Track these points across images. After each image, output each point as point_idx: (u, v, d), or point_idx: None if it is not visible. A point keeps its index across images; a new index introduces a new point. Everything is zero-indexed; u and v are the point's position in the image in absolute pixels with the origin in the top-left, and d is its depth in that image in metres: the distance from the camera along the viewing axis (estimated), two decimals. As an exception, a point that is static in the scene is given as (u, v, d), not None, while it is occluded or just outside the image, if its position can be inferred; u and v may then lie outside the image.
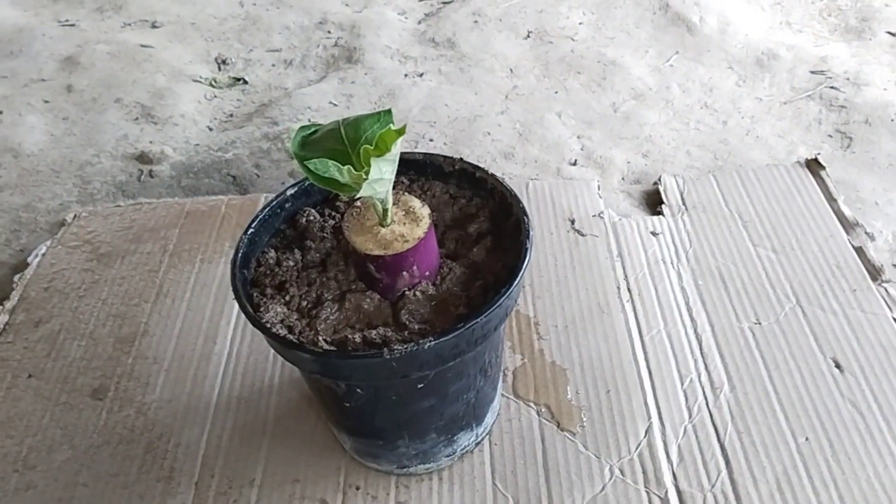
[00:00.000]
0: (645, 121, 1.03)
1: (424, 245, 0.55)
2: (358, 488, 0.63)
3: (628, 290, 0.78)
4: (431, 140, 1.00)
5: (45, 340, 0.76)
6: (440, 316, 0.55)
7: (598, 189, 0.90)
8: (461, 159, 0.64)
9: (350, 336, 0.53)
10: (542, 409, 0.68)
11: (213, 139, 1.04)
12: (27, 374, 0.73)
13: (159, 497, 0.63)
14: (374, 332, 0.53)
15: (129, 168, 1.00)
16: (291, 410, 0.69)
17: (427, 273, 0.56)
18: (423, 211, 0.56)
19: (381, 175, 0.49)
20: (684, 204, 0.87)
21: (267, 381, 0.71)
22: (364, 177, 0.49)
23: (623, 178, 0.95)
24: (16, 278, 0.83)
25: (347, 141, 0.54)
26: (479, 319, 0.51)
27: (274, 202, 0.62)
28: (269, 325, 0.53)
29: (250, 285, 0.58)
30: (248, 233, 0.59)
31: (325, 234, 0.61)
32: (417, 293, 0.56)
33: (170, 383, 0.71)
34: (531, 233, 0.57)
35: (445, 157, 0.64)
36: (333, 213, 0.63)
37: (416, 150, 0.64)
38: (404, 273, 0.55)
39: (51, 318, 0.78)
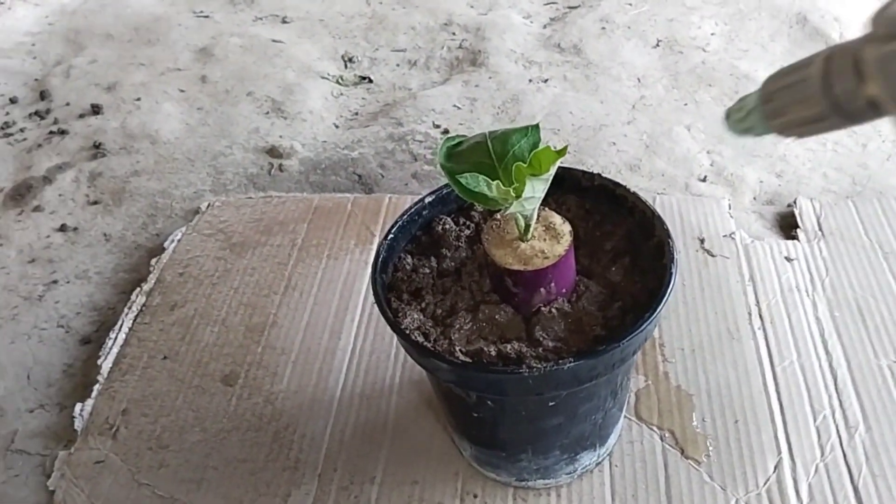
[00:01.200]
0: (779, 139, 0.99)
1: (563, 262, 0.54)
2: (475, 496, 0.64)
3: (760, 316, 0.75)
4: (564, 146, 0.99)
5: (179, 324, 0.80)
6: (575, 335, 0.55)
7: (729, 208, 0.87)
8: (600, 175, 0.63)
9: (485, 348, 0.53)
10: (666, 435, 0.66)
11: (340, 137, 1.06)
12: (162, 355, 0.77)
13: (285, 486, 0.65)
14: (508, 346, 0.53)
15: (260, 161, 1.04)
16: (411, 412, 0.70)
17: (563, 290, 0.56)
18: (564, 228, 0.56)
19: (534, 194, 0.49)
20: (821, 229, 0.84)
21: (388, 380, 0.73)
22: (512, 193, 0.49)
23: (755, 198, 0.91)
24: (153, 262, 0.88)
25: (495, 155, 0.54)
26: (620, 344, 0.50)
27: (412, 209, 0.62)
28: (407, 332, 0.54)
29: (388, 290, 0.59)
30: (388, 238, 0.60)
31: (459, 244, 0.62)
32: (553, 310, 0.55)
33: (296, 375, 0.74)
34: (676, 257, 0.55)
35: (584, 171, 0.64)
36: (468, 223, 0.64)
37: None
38: (541, 289, 0.55)
39: (185, 302, 0.82)
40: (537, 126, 0.54)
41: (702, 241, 0.83)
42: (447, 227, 0.63)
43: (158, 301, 0.83)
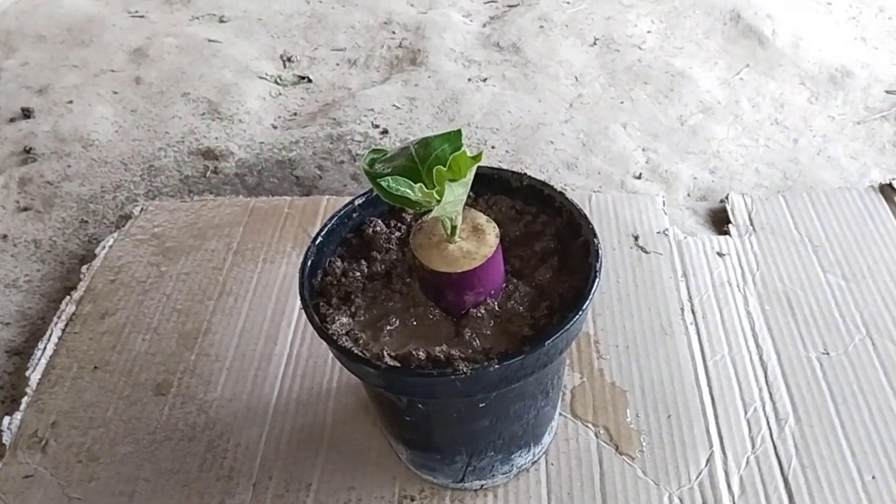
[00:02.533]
0: (713, 135, 1.01)
1: (491, 263, 0.54)
2: (413, 500, 0.63)
3: (692, 311, 0.76)
4: (493, 147, 1.00)
5: (110, 333, 0.78)
6: (504, 336, 0.55)
7: (664, 205, 0.88)
8: (528, 175, 0.63)
9: (414, 352, 0.53)
10: (601, 431, 0.67)
11: (277, 138, 1.05)
12: (93, 365, 0.75)
13: (219, 496, 0.64)
14: (437, 348, 0.53)
15: (195, 163, 1.02)
16: (348, 416, 0.70)
17: (492, 291, 0.56)
18: (490, 228, 0.56)
19: (454, 197, 0.49)
20: (752, 224, 0.85)
21: (325, 384, 0.72)
22: (436, 196, 0.49)
23: (689, 195, 0.93)
24: (83, 269, 0.85)
25: (418, 158, 0.53)
26: (545, 345, 0.50)
27: (342, 211, 0.62)
28: (335, 337, 0.54)
29: (316, 295, 0.58)
30: (317, 242, 0.59)
31: (390, 246, 0.61)
32: (482, 311, 0.55)
33: (231, 382, 0.72)
34: (601, 255, 0.56)
35: (514, 172, 0.64)
36: (399, 225, 0.63)
37: (483, 164, 0.64)
38: (470, 291, 0.55)
39: (116, 310, 0.80)
40: (459, 132, 0.54)
41: (636, 238, 0.84)
42: (378, 229, 0.62)
43: (89, 309, 0.81)
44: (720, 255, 0.82)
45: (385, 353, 0.53)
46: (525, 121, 1.04)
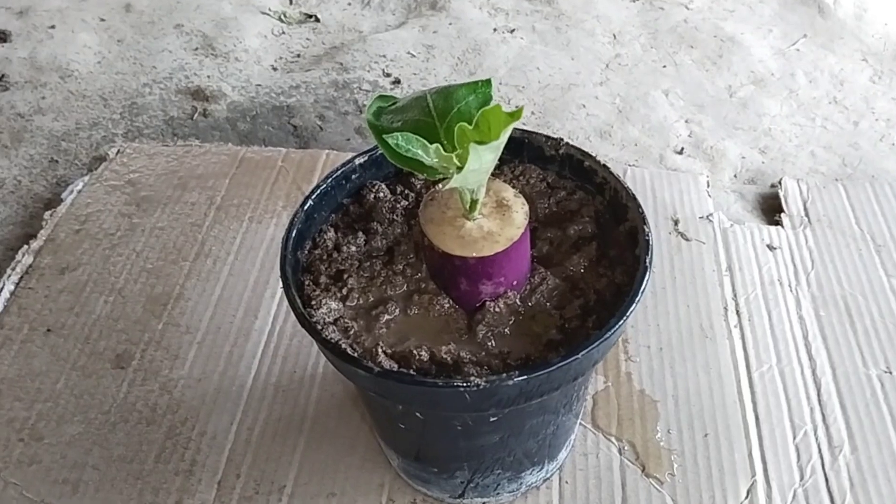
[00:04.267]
0: (764, 111, 0.90)
1: (516, 249, 0.44)
2: (402, 514, 0.54)
3: (737, 312, 0.66)
4: (518, 107, 0.89)
5: (69, 291, 0.68)
6: (525, 338, 0.45)
7: (708, 186, 0.77)
8: (566, 142, 0.52)
9: (415, 351, 0.43)
10: (626, 447, 0.57)
11: (277, 81, 0.94)
12: (46, 328, 0.65)
13: (176, 494, 0.55)
14: (444, 348, 0.43)
15: (183, 104, 0.91)
16: (333, 408, 0.60)
17: (515, 282, 0.46)
18: (519, 204, 0.46)
19: (480, 165, 0.38)
20: (807, 215, 0.75)
21: (309, 369, 0.62)
22: (457, 162, 0.39)
23: (736, 176, 0.82)
24: (46, 215, 0.75)
25: (436, 111, 0.43)
26: (579, 356, 0.40)
27: (339, 172, 0.51)
28: (320, 327, 0.44)
29: (302, 271, 0.48)
30: (306, 206, 0.49)
31: (395, 217, 0.51)
32: (501, 305, 0.45)
33: (201, 359, 0.63)
34: (651, 246, 0.45)
35: (548, 137, 0.53)
36: (407, 192, 0.53)
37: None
38: (488, 280, 0.45)
39: (79, 265, 0.70)
40: (489, 81, 0.43)
41: (675, 222, 0.73)
42: (381, 195, 0.52)
43: (48, 262, 0.71)
44: (771, 248, 0.72)
45: (380, 349, 0.43)
46: (555, 80, 0.93)
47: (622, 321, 0.42)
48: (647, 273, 0.44)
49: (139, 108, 0.90)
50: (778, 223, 0.74)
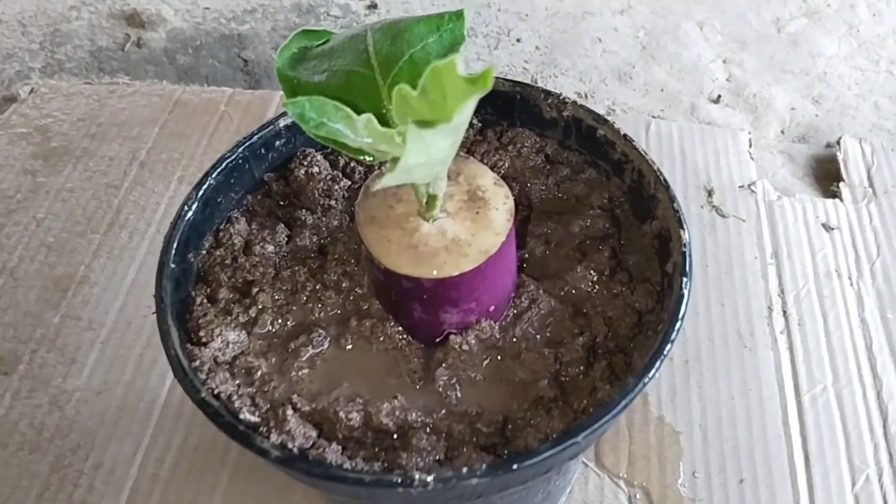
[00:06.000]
0: (819, 50, 0.74)
1: (495, 264, 0.31)
2: (345, 581, 0.42)
3: (784, 313, 0.52)
4: (519, 40, 0.73)
5: (-50, 269, 0.55)
6: (505, 387, 0.32)
7: (750, 146, 0.63)
8: (573, 101, 0.38)
9: (342, 411, 0.30)
10: (638, 495, 0.45)
11: (228, 4, 0.78)
12: (-85, 317, 0.52)
13: (55, 549, 0.43)
14: (386, 406, 0.30)
15: (115, 31, 0.75)
16: (268, 431, 0.47)
17: (492, 307, 0.32)
18: (500, 197, 0.32)
19: (429, 157, 0.24)
20: (871, 185, 0.60)
21: (241, 378, 0.49)
22: (397, 139, 0.25)
23: (783, 132, 0.67)
24: (-64, 169, 0.61)
25: (378, 60, 0.29)
26: (578, 439, 0.27)
27: (256, 136, 0.37)
28: (203, 375, 0.30)
29: (196, 281, 0.34)
30: (205, 186, 0.35)
31: (332, 202, 0.37)
32: (471, 340, 0.32)
33: (104, 364, 0.50)
34: (690, 262, 0.32)
35: (548, 92, 0.39)
36: (353, 166, 0.39)
37: (500, 76, 0.39)
38: (452, 307, 0.31)
39: (-34, 236, 0.57)
40: (460, 14, 0.29)
41: (709, 192, 0.59)
42: (314, 170, 0.38)
43: (-68, 229, 0.57)
44: (827, 228, 0.57)
45: (291, 408, 0.30)
46: (566, 6, 0.77)
47: (645, 381, 0.28)
48: (684, 303, 0.30)
49: (63, 35, 0.75)
50: (836, 195, 0.60)
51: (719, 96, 0.69)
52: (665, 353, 0.29)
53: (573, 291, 0.34)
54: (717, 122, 0.66)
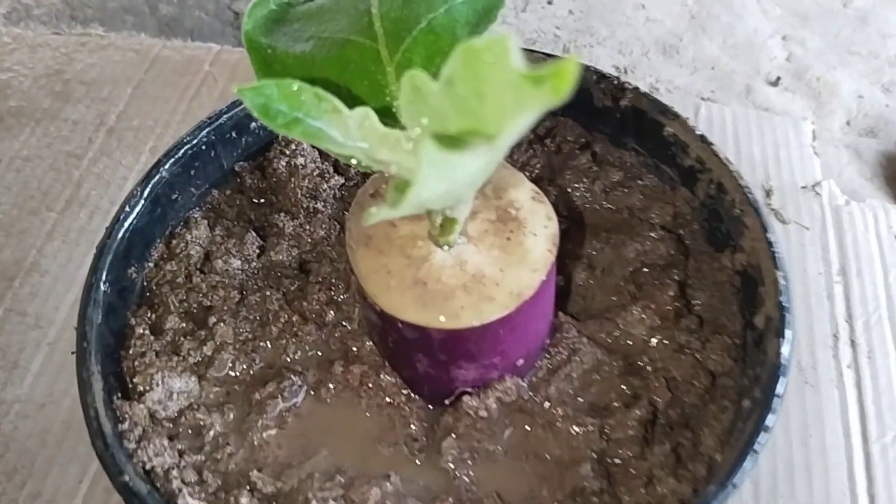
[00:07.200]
0: (890, 30, 0.65)
1: (530, 309, 0.23)
2: None
3: (852, 343, 0.44)
4: (550, 2, 0.64)
5: None
6: (530, 465, 0.24)
7: (813, 138, 0.54)
8: (637, 89, 0.29)
9: (316, 499, 0.22)
10: (675, 563, 0.37)
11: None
12: None
13: None
14: (374, 490, 0.22)
15: (92, -28, 0.67)
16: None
17: (520, 361, 0.24)
18: (539, 218, 0.24)
19: (451, 182, 0.16)
20: (955, 191, 0.52)
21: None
22: (406, 147, 0.16)
23: (849, 123, 0.59)
24: None
25: (383, 28, 0.21)
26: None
27: (226, 114, 0.29)
28: (130, 440, 0.23)
29: (136, 304, 0.27)
30: (156, 180, 0.27)
31: (318, 204, 0.29)
32: (490, 402, 0.24)
33: (51, 370, 0.42)
34: (790, 321, 0.24)
35: (603, 74, 0.30)
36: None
37: (528, 45, 0.30)
38: (468, 362, 0.24)
39: None
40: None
41: (767, 192, 0.51)
42: (300, 161, 0.30)
43: None
44: (903, 241, 0.49)
45: (249, 488, 0.22)
46: (603, -33, 0.68)
47: (728, 489, 0.21)
48: (781, 379, 0.23)
49: (33, -25, 0.66)
50: (912, 201, 0.52)
51: (778, 78, 0.60)
52: (757, 446, 0.21)
53: (626, 340, 0.26)
54: (776, 108, 0.58)
